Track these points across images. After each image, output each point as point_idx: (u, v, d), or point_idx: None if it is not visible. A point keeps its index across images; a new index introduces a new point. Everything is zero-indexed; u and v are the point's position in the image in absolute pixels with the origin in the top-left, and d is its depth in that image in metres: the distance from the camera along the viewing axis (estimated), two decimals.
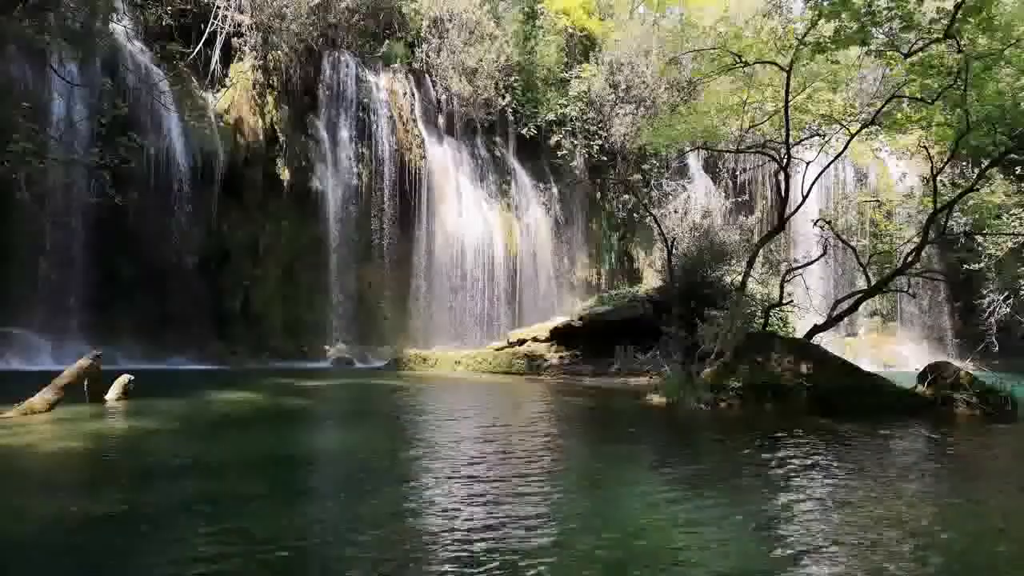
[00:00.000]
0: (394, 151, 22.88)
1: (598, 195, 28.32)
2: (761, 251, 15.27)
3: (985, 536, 4.36)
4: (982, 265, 21.14)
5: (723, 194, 27.75)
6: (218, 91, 20.11)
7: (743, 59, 12.48)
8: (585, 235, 28.00)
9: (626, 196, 27.40)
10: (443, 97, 25.05)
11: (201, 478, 5.31)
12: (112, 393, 9.31)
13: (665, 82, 26.29)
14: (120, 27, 18.09)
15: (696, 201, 23.18)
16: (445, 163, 24.43)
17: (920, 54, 11.04)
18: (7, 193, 13.71)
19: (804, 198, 13.68)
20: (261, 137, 20.36)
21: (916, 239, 14.66)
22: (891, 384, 10.71)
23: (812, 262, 14.90)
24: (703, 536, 4.11)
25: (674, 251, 15.72)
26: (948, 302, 26.68)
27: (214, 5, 19.66)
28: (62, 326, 16.14)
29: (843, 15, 10.43)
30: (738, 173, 29.27)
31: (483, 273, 24.26)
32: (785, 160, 13.02)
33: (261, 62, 20.70)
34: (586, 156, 26.98)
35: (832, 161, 14.57)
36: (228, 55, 20.42)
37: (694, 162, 29.08)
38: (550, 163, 27.39)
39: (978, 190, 14.62)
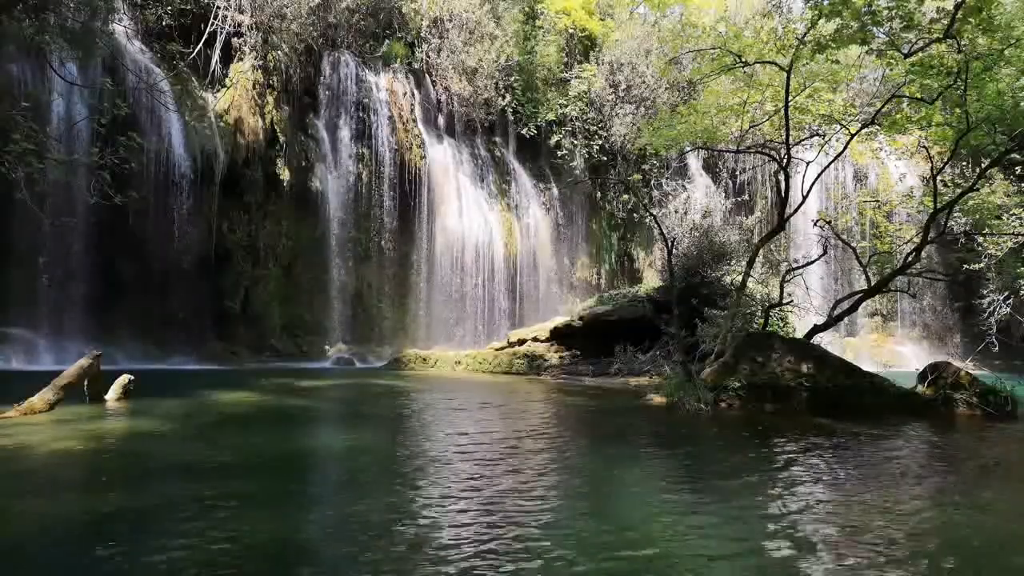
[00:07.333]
0: (394, 151, 22.87)
1: (598, 195, 28.31)
2: (761, 251, 15.27)
3: (987, 536, 4.36)
4: (982, 265, 21.09)
5: (723, 194, 27.74)
6: (218, 91, 20.11)
7: (743, 59, 12.48)
8: (585, 235, 27.99)
9: (626, 196, 27.38)
10: (443, 97, 25.05)
11: (201, 479, 5.30)
12: (112, 393, 9.32)
13: (665, 82, 26.28)
14: (120, 27, 18.09)
15: (696, 201, 23.18)
16: (445, 163, 24.42)
17: (920, 54, 11.05)
18: (7, 193, 13.71)
19: (804, 198, 13.68)
20: (261, 137, 20.37)
21: (916, 239, 14.65)
22: (891, 384, 10.68)
23: (812, 262, 14.89)
24: (705, 537, 4.11)
25: (674, 251, 15.73)
26: (948, 302, 26.66)
27: (214, 5, 19.66)
28: (62, 326, 16.15)
29: (843, 14, 10.44)
30: (738, 173, 29.26)
31: (483, 273, 24.24)
32: (785, 160, 13.02)
33: (261, 62, 20.71)
34: (586, 156, 26.97)
35: (832, 161, 14.57)
36: (228, 55, 20.43)
37: (694, 162, 29.08)
38: (550, 163, 27.38)
39: (978, 190, 14.61)
